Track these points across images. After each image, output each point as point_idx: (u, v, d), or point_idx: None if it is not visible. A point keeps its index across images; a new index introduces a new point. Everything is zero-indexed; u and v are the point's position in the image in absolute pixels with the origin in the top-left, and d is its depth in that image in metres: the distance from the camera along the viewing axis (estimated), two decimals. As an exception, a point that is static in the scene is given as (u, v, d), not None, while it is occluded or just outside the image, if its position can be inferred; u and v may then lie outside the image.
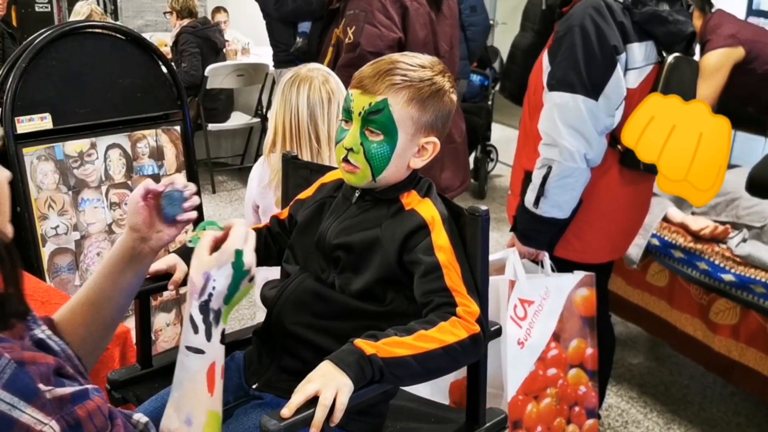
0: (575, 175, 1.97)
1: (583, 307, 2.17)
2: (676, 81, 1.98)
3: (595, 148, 1.96)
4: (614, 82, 1.92)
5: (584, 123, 1.93)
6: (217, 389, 1.01)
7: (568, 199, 2.01)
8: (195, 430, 0.99)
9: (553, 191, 1.99)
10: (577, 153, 1.95)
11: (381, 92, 1.25)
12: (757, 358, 2.36)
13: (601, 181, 2.06)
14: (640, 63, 1.96)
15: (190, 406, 1.00)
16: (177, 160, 2.58)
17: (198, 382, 1.01)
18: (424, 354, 1.14)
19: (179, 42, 5.14)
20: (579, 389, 2.20)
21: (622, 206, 2.15)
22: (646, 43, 1.96)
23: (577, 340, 2.18)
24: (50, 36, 2.23)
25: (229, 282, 1.03)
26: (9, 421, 0.78)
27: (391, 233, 1.27)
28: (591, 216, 2.09)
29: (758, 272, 2.34)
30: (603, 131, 1.96)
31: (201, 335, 1.01)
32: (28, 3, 7.24)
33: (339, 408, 1.04)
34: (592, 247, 2.16)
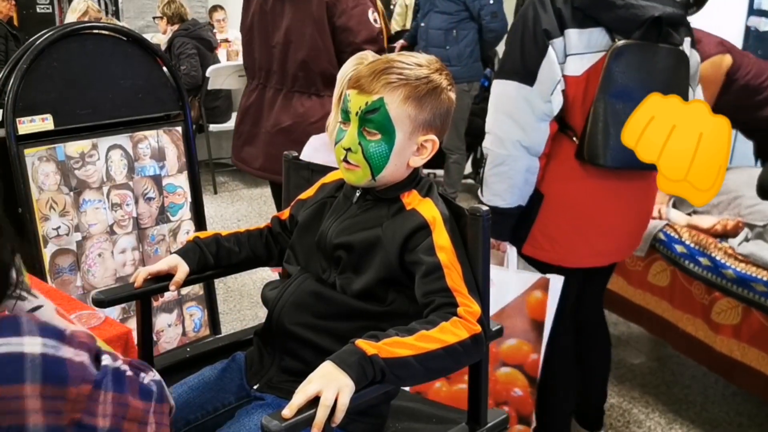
0: (508, 162, 1.93)
1: (534, 309, 2.08)
2: (622, 68, 1.86)
3: (531, 134, 1.91)
4: (546, 66, 1.87)
5: (519, 109, 1.90)
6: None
7: (507, 188, 1.96)
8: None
9: (490, 180, 1.98)
10: (509, 140, 1.92)
11: (377, 91, 1.25)
12: (759, 358, 2.36)
13: (560, 174, 1.99)
14: (582, 50, 1.88)
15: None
16: (178, 161, 2.58)
17: None
18: (425, 354, 1.14)
19: (174, 46, 5.16)
20: (512, 390, 2.13)
21: (593, 203, 2.01)
22: (591, 30, 1.87)
23: (516, 340, 2.10)
24: (51, 37, 2.23)
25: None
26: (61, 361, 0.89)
27: (392, 233, 1.27)
28: (555, 212, 2.02)
29: (760, 271, 2.34)
30: (542, 117, 1.90)
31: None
32: (30, 4, 7.26)
33: (340, 408, 1.04)
34: (562, 248, 2.04)
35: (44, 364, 0.87)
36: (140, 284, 1.39)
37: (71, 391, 0.88)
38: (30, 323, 0.90)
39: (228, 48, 6.02)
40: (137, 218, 2.47)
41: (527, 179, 1.96)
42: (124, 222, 2.44)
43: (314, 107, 2.72)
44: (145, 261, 2.49)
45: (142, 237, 2.49)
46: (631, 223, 2.15)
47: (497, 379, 2.13)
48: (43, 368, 0.87)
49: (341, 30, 2.61)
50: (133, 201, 2.46)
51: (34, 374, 0.86)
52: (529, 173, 1.95)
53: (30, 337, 0.88)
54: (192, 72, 5.06)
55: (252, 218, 4.82)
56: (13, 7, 5.96)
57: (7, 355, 0.87)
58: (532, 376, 2.13)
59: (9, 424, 0.86)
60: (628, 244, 2.22)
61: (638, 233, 2.23)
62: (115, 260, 2.43)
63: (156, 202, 2.52)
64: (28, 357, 0.87)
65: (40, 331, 0.89)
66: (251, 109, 2.86)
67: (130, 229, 2.46)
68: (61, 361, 0.88)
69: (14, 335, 0.88)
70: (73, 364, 0.89)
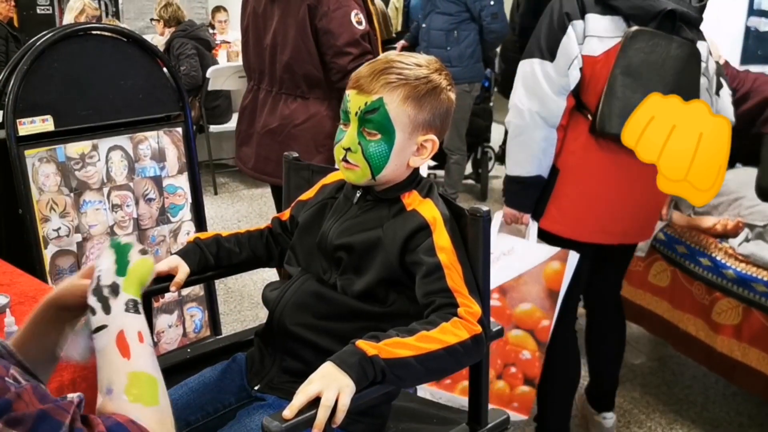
0: (527, 132, 2.07)
1: (551, 279, 2.17)
2: (637, 48, 1.99)
3: (548, 106, 2.04)
4: (565, 43, 2.03)
5: (538, 83, 2.05)
6: (134, 353, 0.97)
7: (526, 157, 2.09)
8: (116, 395, 0.95)
9: (511, 150, 2.14)
10: (527, 111, 2.06)
11: (376, 91, 1.25)
12: (759, 358, 2.36)
13: (574, 148, 2.10)
14: (602, 33, 2.03)
15: (107, 378, 0.96)
16: (179, 162, 2.58)
17: (109, 354, 0.97)
18: (425, 355, 1.14)
19: (174, 47, 5.16)
20: (521, 353, 2.21)
21: (603, 178, 2.11)
22: (611, 17, 2.03)
23: (531, 305, 2.19)
24: (52, 38, 2.23)
25: (114, 258, 1.04)
26: None
27: (392, 234, 1.27)
28: (568, 185, 2.13)
29: (760, 271, 2.34)
30: (559, 91, 2.04)
31: (99, 313, 0.99)
32: (30, 5, 7.26)
33: (341, 409, 1.04)
34: (572, 220, 2.15)
35: None
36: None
37: None
38: None
39: (228, 49, 6.03)
40: (138, 219, 2.48)
41: (545, 150, 2.08)
42: (125, 223, 2.44)
43: (299, 109, 2.73)
44: (146, 262, 2.49)
45: (142, 238, 2.49)
46: (639, 205, 2.18)
47: (508, 340, 2.20)
48: None
49: (322, 32, 2.60)
50: (134, 202, 2.46)
51: None
52: (546, 143, 2.08)
53: None
54: (192, 72, 5.06)
55: (252, 219, 4.82)
56: (13, 8, 5.96)
57: None
58: (542, 341, 2.21)
59: None
60: (637, 229, 2.25)
61: (647, 220, 2.27)
62: (116, 261, 2.43)
63: (156, 203, 2.52)
64: None
65: None
66: (247, 110, 2.87)
67: (130, 230, 2.46)
68: None
69: None
70: None
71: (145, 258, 1.07)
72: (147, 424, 0.92)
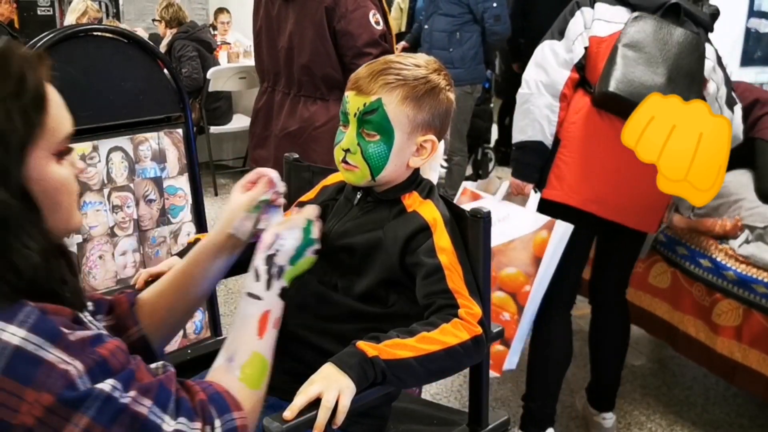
0: (531, 100, 2.22)
1: (539, 247, 2.21)
2: (638, 29, 2.11)
3: (552, 76, 2.20)
4: (572, 25, 2.22)
5: (546, 58, 2.23)
6: (267, 335, 1.09)
7: (528, 123, 2.22)
8: (235, 366, 1.06)
9: (517, 117, 2.27)
10: (533, 81, 2.22)
11: (375, 92, 1.25)
12: (759, 359, 2.35)
13: (576, 119, 2.20)
14: (609, 18, 2.18)
15: (235, 345, 1.08)
16: (179, 163, 2.58)
17: (249, 325, 1.09)
18: (426, 356, 1.14)
19: (175, 49, 5.16)
20: (502, 314, 2.25)
21: (603, 149, 2.16)
22: (618, 7, 2.19)
23: (516, 269, 2.24)
24: (52, 39, 2.23)
25: (297, 245, 1.17)
26: (36, 361, 0.84)
27: (393, 235, 1.27)
28: (567, 153, 2.22)
29: (760, 272, 2.34)
30: (563, 64, 2.20)
31: (261, 284, 1.12)
32: (30, 6, 7.27)
33: (341, 410, 1.04)
34: (568, 185, 2.21)
35: (14, 356, 0.84)
36: (141, 286, 1.39)
37: (29, 393, 0.83)
38: (30, 316, 0.86)
39: (229, 50, 6.03)
40: (138, 220, 2.47)
41: (548, 117, 2.20)
42: (125, 224, 2.44)
43: (319, 111, 2.71)
44: (146, 263, 2.49)
45: (142, 239, 2.49)
46: (639, 183, 2.16)
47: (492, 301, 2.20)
48: (10, 360, 0.84)
49: (342, 34, 2.58)
50: (134, 203, 2.46)
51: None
52: (548, 110, 2.20)
53: (16, 327, 0.85)
54: (194, 74, 5.07)
55: (253, 220, 4.82)
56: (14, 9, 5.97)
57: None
58: (522, 305, 2.26)
59: None
60: (635, 211, 2.25)
61: (648, 207, 2.27)
62: (116, 262, 2.43)
63: (157, 204, 2.52)
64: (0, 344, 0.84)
65: (33, 326, 0.86)
66: (261, 111, 2.87)
67: (130, 231, 2.46)
68: (35, 361, 0.84)
69: (4, 321, 0.86)
70: (50, 368, 0.84)
71: (312, 258, 1.20)
72: (242, 403, 1.01)
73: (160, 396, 0.92)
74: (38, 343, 0.85)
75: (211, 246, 1.24)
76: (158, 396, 0.92)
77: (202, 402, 0.97)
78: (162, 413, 0.91)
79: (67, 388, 0.84)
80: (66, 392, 0.84)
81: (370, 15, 2.59)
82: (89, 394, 0.86)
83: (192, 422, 0.94)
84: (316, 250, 1.20)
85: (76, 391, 0.85)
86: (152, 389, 0.92)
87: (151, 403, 0.91)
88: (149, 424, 0.90)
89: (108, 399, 0.87)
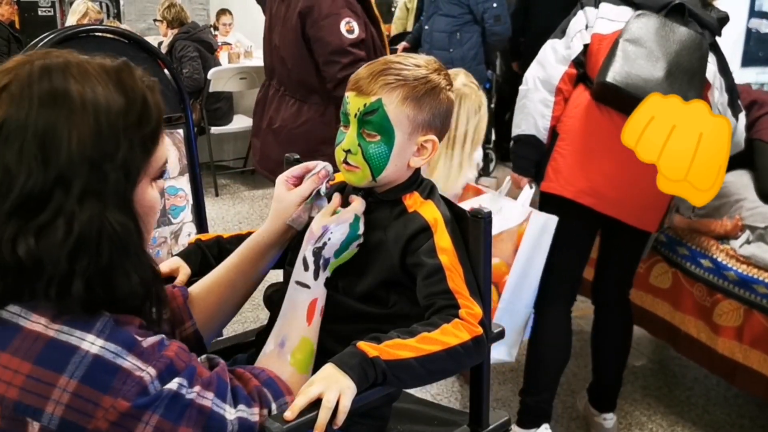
0: (527, 95, 2.27)
1: (521, 238, 2.24)
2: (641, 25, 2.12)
3: (548, 71, 2.25)
4: (573, 24, 2.26)
5: (546, 55, 2.28)
6: (314, 322, 1.19)
7: (523, 117, 2.28)
8: (286, 351, 1.14)
9: (515, 114, 2.33)
10: (531, 77, 2.28)
11: (375, 92, 1.25)
12: (760, 360, 2.35)
13: (575, 113, 2.23)
14: (613, 17, 2.20)
15: (286, 331, 1.17)
16: (180, 163, 2.58)
17: (299, 311, 1.18)
18: (426, 356, 1.14)
19: (176, 49, 5.16)
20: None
21: (600, 142, 2.18)
22: (623, 7, 2.21)
23: (500, 260, 2.25)
24: (53, 40, 2.23)
25: (343, 239, 1.22)
26: (114, 369, 0.89)
27: (394, 236, 1.27)
28: (565, 146, 2.25)
29: (761, 272, 2.34)
30: (561, 60, 2.24)
31: (310, 273, 1.20)
32: (31, 7, 7.28)
33: (342, 411, 1.04)
34: (563, 177, 2.24)
35: (93, 364, 0.88)
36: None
37: (106, 400, 0.88)
38: (107, 325, 0.91)
39: (230, 51, 6.03)
40: (139, 221, 2.48)
41: (542, 112, 2.24)
42: (126, 224, 2.44)
43: (298, 112, 2.75)
44: (147, 263, 2.49)
45: (143, 239, 2.49)
46: (637, 179, 2.15)
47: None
48: (89, 368, 0.88)
49: (313, 40, 2.61)
50: (135, 203, 2.46)
51: (76, 370, 0.88)
52: (542, 105, 2.24)
53: (95, 337, 0.90)
54: (194, 75, 5.07)
55: (254, 220, 4.82)
56: (15, 10, 5.98)
57: (62, 344, 0.89)
58: (501, 293, 2.28)
59: (29, 403, 0.87)
60: (633, 208, 2.23)
61: (646, 205, 2.24)
62: (117, 263, 2.43)
63: (157, 204, 2.53)
64: (80, 353, 0.88)
65: (110, 335, 0.91)
66: (260, 103, 2.93)
67: (131, 231, 2.46)
68: (113, 369, 0.89)
69: (83, 330, 0.90)
70: (127, 376, 0.89)
71: (354, 251, 1.25)
72: (293, 387, 1.09)
73: (219, 387, 0.98)
74: (116, 351, 0.90)
75: (267, 240, 1.29)
76: (218, 388, 0.98)
77: (258, 388, 1.04)
78: (222, 403, 0.97)
79: (140, 394, 0.90)
80: (140, 398, 0.89)
81: (342, 23, 2.58)
82: (159, 395, 0.91)
83: (251, 408, 1.01)
84: (359, 243, 1.25)
85: (149, 396, 0.90)
86: (212, 382, 0.98)
87: (213, 396, 0.96)
88: (214, 416, 0.95)
89: (175, 396, 0.92)
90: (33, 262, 0.89)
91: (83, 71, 0.96)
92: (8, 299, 0.92)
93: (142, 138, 0.98)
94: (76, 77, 0.94)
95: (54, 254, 0.89)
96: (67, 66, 0.95)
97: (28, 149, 0.89)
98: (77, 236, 0.89)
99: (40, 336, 0.89)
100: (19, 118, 0.90)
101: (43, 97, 0.91)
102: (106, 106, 0.94)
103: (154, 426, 0.90)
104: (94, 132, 0.92)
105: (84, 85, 0.94)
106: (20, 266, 0.89)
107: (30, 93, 0.91)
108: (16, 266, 0.89)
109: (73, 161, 0.90)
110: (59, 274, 0.89)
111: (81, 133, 0.91)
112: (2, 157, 0.89)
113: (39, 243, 0.89)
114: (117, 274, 0.94)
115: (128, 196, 0.96)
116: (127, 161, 0.94)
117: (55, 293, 0.90)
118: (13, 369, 0.88)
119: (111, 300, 0.94)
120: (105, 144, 0.93)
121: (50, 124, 0.90)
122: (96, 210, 0.91)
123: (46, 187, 0.89)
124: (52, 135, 0.90)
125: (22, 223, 0.89)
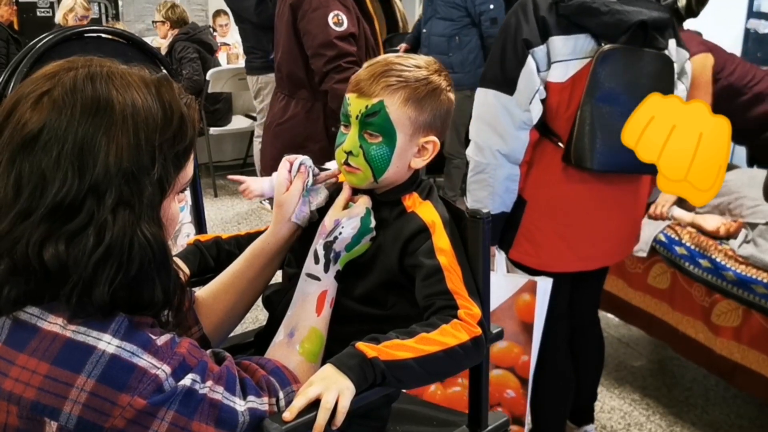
0: (488, 170, 1.96)
1: (523, 312, 2.12)
2: (608, 72, 1.87)
3: (510, 143, 1.93)
4: (525, 76, 1.89)
5: (497, 118, 1.92)
6: (324, 313, 1.21)
7: (487, 195, 1.99)
8: (295, 341, 1.17)
9: (472, 187, 2.02)
10: (488, 149, 1.95)
11: (377, 94, 1.25)
12: (759, 360, 2.36)
13: (544, 180, 2.02)
14: (567, 56, 1.89)
15: (295, 322, 1.19)
16: (179, 164, 2.58)
17: (309, 303, 1.20)
18: (425, 357, 1.14)
19: (176, 50, 5.15)
20: (505, 392, 2.17)
21: (577, 209, 2.03)
22: (577, 36, 1.89)
23: (507, 342, 2.14)
24: (52, 40, 2.23)
25: (354, 233, 1.23)
26: (130, 367, 0.90)
27: (392, 237, 1.27)
28: (539, 218, 2.04)
29: (760, 272, 2.35)
30: (521, 126, 1.93)
31: (320, 266, 1.22)
32: (30, 8, 7.27)
33: (341, 411, 1.04)
34: (547, 253, 2.07)
35: (109, 363, 0.90)
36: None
37: (123, 398, 0.89)
38: (122, 325, 0.92)
39: (228, 51, 6.03)
40: (138, 221, 2.47)
41: (508, 187, 2.00)
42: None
43: (284, 108, 2.76)
44: (146, 264, 2.49)
45: (142, 240, 2.49)
46: (618, 228, 2.13)
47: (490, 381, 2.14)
48: (106, 367, 0.89)
49: (303, 33, 2.61)
50: (134, 204, 2.46)
51: (93, 369, 0.89)
52: (509, 181, 1.99)
53: (111, 336, 0.91)
54: (194, 76, 5.06)
55: (253, 221, 4.83)
56: (14, 11, 5.97)
57: (79, 344, 0.90)
58: (524, 378, 2.16)
59: (47, 403, 0.88)
60: (617, 249, 2.20)
61: (628, 238, 2.22)
62: (116, 263, 2.43)
63: (156, 205, 2.52)
64: (97, 352, 0.90)
65: (126, 334, 0.92)
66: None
67: (130, 232, 2.46)
68: (130, 367, 0.90)
69: (99, 330, 0.91)
70: (143, 374, 0.91)
71: (367, 245, 1.26)
72: (300, 376, 1.11)
73: (228, 381, 1.00)
74: (132, 350, 0.91)
75: (274, 246, 1.31)
76: (227, 381, 0.99)
77: (265, 377, 1.06)
78: (232, 396, 0.99)
79: (156, 391, 0.91)
80: (156, 395, 0.91)
81: (330, 16, 2.57)
82: (174, 392, 0.93)
83: (260, 398, 1.03)
84: (371, 238, 1.25)
85: (164, 393, 0.92)
86: (222, 376, 1.00)
87: (223, 389, 0.98)
88: (225, 408, 0.97)
89: (189, 392, 0.94)
90: (59, 267, 0.90)
91: (126, 82, 0.97)
92: (28, 301, 0.93)
93: (176, 154, 0.99)
94: (119, 88, 0.95)
95: (82, 261, 0.90)
96: (111, 76, 0.97)
97: (65, 157, 0.90)
98: (107, 245, 0.91)
99: (58, 336, 0.90)
100: (60, 124, 0.91)
101: (86, 105, 0.92)
102: (145, 120, 0.95)
103: (169, 422, 0.92)
104: (133, 146, 0.93)
105: (125, 97, 0.95)
106: (45, 270, 0.90)
107: (73, 100, 0.92)
108: (40, 270, 0.90)
109: (109, 173, 0.91)
110: (84, 281, 0.90)
111: (119, 145, 0.92)
112: (39, 162, 0.90)
113: (69, 249, 0.90)
114: (144, 284, 0.95)
115: (158, 209, 0.98)
116: (161, 176, 0.96)
117: (77, 298, 0.91)
118: (31, 369, 0.89)
119: (132, 306, 0.95)
120: (141, 158, 0.94)
121: (90, 134, 0.91)
122: (129, 221, 0.92)
123: (79, 196, 0.90)
124: (91, 145, 0.91)
125: (53, 228, 0.90)
